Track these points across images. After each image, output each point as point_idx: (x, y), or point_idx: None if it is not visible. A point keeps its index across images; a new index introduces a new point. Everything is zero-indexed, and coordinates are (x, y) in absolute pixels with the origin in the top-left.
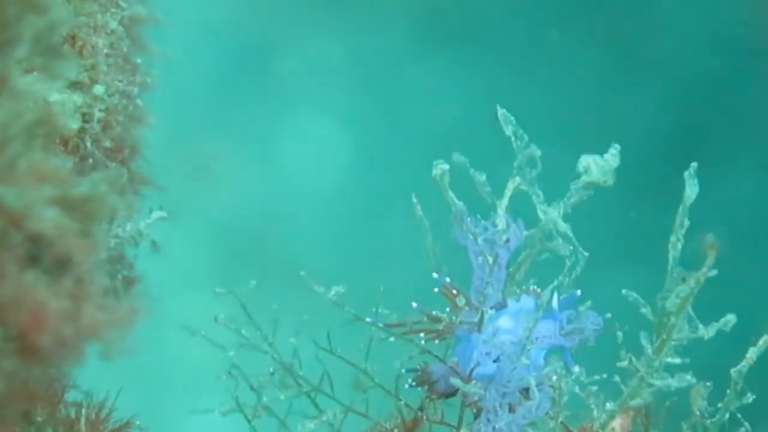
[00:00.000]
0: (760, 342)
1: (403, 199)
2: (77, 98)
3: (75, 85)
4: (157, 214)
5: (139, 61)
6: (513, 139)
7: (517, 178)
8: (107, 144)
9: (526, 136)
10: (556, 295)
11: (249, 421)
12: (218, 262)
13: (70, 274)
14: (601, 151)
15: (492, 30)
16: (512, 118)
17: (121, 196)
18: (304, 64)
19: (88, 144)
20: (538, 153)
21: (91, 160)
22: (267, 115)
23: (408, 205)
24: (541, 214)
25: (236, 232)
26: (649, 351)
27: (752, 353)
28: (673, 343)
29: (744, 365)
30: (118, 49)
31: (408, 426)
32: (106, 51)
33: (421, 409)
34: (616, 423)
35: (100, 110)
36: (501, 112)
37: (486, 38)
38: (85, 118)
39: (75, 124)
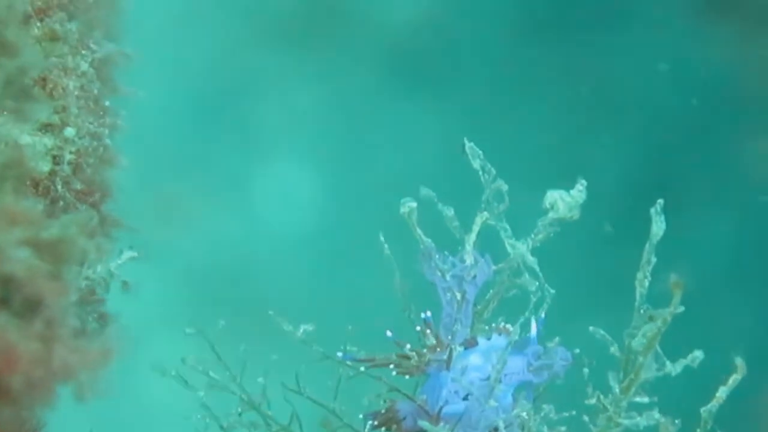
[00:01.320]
0: (730, 381)
1: (375, 242)
2: (48, 140)
3: (46, 128)
4: (127, 254)
5: (109, 103)
6: (480, 172)
7: (485, 213)
8: (78, 186)
9: (493, 170)
10: (534, 325)
11: None
12: (189, 303)
13: (40, 316)
14: (572, 188)
15: (463, 72)
16: (479, 151)
17: (92, 238)
18: (277, 107)
19: (59, 186)
20: (505, 187)
21: (61, 203)
22: (239, 157)
23: (381, 247)
24: (509, 249)
25: (208, 274)
26: (617, 390)
27: (722, 392)
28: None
29: (714, 404)
30: (89, 92)
31: None
32: (76, 93)
33: None
34: None
35: (70, 152)
36: (468, 145)
37: (457, 80)
38: (56, 160)
39: (45, 167)
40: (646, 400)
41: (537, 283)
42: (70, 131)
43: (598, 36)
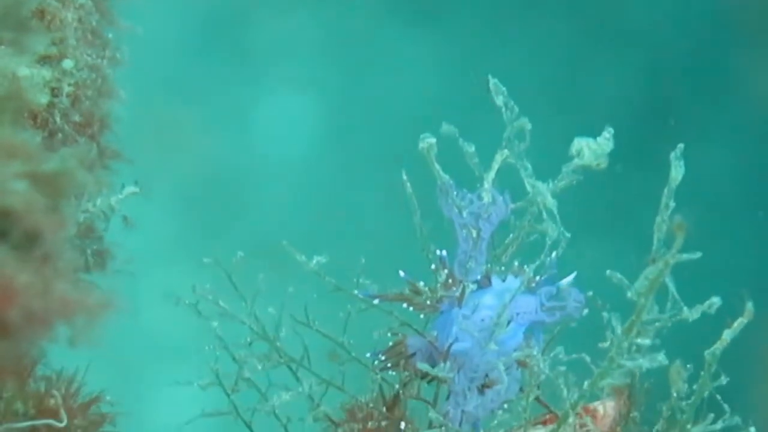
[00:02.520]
0: (735, 324)
1: (373, 170)
2: (46, 73)
3: (44, 60)
4: (129, 189)
5: (108, 35)
6: (504, 110)
7: (505, 151)
8: (76, 118)
9: (516, 108)
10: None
11: (228, 395)
12: (190, 232)
13: (39, 249)
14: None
15: (463, 1)
16: (503, 88)
17: (91, 171)
18: (276, 35)
19: (57, 119)
20: (529, 126)
21: (60, 135)
22: (239, 86)
23: (381, 177)
24: (529, 188)
25: (208, 204)
26: (619, 331)
27: (726, 335)
28: (656, 324)
29: (718, 347)
30: (87, 23)
31: (388, 404)
32: (74, 25)
33: (402, 385)
34: (609, 405)
35: (69, 84)
36: (492, 81)
37: (458, 9)
38: (54, 92)
39: (44, 99)
40: (647, 342)
41: (557, 228)
42: (68, 63)
43: None
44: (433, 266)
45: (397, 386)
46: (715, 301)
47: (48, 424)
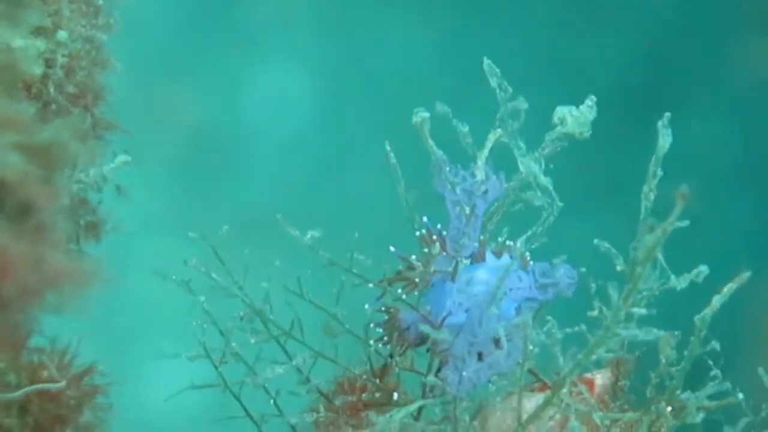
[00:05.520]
0: (725, 290)
1: (367, 145)
2: (40, 44)
3: (38, 31)
4: (121, 158)
5: (100, 2)
6: (498, 90)
7: (498, 130)
8: (70, 89)
9: (510, 89)
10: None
11: (216, 367)
12: (182, 204)
13: (32, 220)
14: (567, 95)
15: None
16: (497, 69)
17: (84, 142)
18: (269, 9)
19: (52, 90)
20: (525, 106)
21: (54, 106)
22: (232, 59)
23: (373, 151)
24: (521, 167)
25: (200, 175)
26: (617, 301)
27: (716, 301)
28: (644, 293)
29: (707, 312)
30: None
31: (377, 373)
32: None
33: (390, 356)
34: (603, 375)
35: (63, 56)
36: (486, 63)
37: None
38: (48, 63)
39: (38, 70)
40: (643, 311)
41: (542, 198)
42: (62, 34)
43: None
44: (417, 233)
45: (389, 358)
46: (703, 269)
47: (42, 390)
